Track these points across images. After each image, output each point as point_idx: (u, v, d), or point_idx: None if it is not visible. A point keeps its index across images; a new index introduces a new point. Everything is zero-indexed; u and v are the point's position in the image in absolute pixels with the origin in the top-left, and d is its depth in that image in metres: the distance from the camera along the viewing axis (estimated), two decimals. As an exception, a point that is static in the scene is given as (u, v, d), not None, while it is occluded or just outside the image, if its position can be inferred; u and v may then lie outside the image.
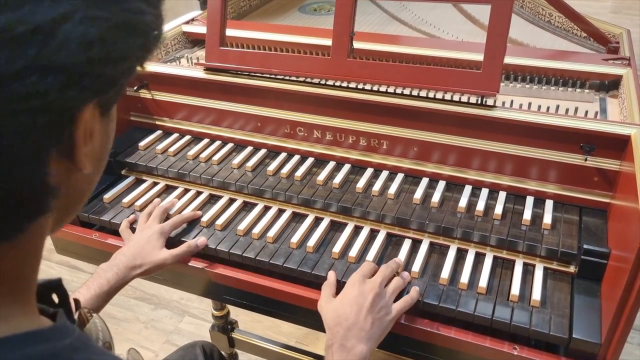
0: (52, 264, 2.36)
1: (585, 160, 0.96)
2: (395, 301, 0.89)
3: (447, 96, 1.06)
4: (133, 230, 1.09)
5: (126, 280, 0.98)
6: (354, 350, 0.82)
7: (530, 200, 1.03)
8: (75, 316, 0.57)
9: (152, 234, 1.03)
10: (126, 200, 1.16)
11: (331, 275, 0.95)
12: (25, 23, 0.33)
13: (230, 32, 1.36)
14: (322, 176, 1.13)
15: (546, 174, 1.03)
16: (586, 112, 1.06)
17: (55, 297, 0.53)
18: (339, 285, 0.93)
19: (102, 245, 1.13)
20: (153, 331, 2.08)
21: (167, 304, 2.18)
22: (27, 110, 0.35)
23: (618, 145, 0.94)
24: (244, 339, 1.74)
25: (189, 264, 1.04)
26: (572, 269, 0.94)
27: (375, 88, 1.11)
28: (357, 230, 1.06)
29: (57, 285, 0.53)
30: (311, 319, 0.98)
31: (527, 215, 1.00)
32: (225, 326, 1.74)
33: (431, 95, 1.07)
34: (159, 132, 1.32)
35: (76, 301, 0.58)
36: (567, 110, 1.06)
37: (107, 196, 1.17)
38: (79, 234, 1.15)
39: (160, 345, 2.01)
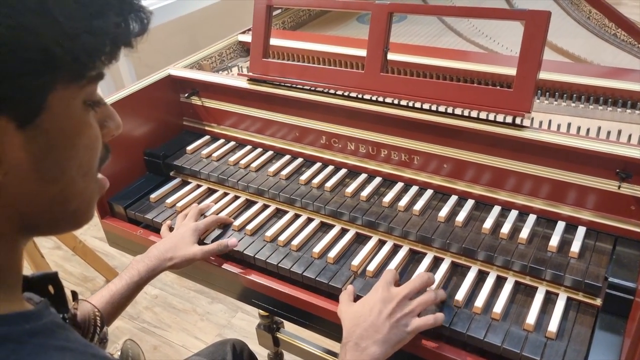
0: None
1: (619, 187, 0.91)
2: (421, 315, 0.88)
3: (483, 114, 1.04)
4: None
5: (156, 271, 1.04)
6: (368, 350, 0.82)
7: (561, 225, 0.99)
8: (72, 305, 0.63)
9: (186, 230, 1.09)
10: (169, 200, 1.24)
11: (350, 287, 0.96)
12: None
13: (281, 42, 1.42)
14: (351, 188, 1.14)
15: (582, 200, 0.98)
16: (630, 136, 0.99)
17: (51, 289, 0.60)
18: (356, 299, 0.93)
19: (145, 241, 1.21)
20: (207, 324, 2.18)
21: (224, 298, 2.27)
22: None
23: (658, 174, 0.88)
24: (288, 339, 1.79)
25: (212, 263, 1.10)
26: (598, 301, 0.89)
27: (410, 103, 1.10)
28: (380, 244, 1.06)
29: (53, 278, 0.60)
30: (324, 326, 1.01)
31: (555, 241, 0.95)
32: (270, 325, 1.80)
33: (466, 112, 1.05)
34: (207, 137, 1.39)
35: (74, 293, 0.64)
36: (608, 132, 1.00)
37: (153, 196, 1.26)
38: (126, 230, 1.24)
39: (213, 337, 2.10)
